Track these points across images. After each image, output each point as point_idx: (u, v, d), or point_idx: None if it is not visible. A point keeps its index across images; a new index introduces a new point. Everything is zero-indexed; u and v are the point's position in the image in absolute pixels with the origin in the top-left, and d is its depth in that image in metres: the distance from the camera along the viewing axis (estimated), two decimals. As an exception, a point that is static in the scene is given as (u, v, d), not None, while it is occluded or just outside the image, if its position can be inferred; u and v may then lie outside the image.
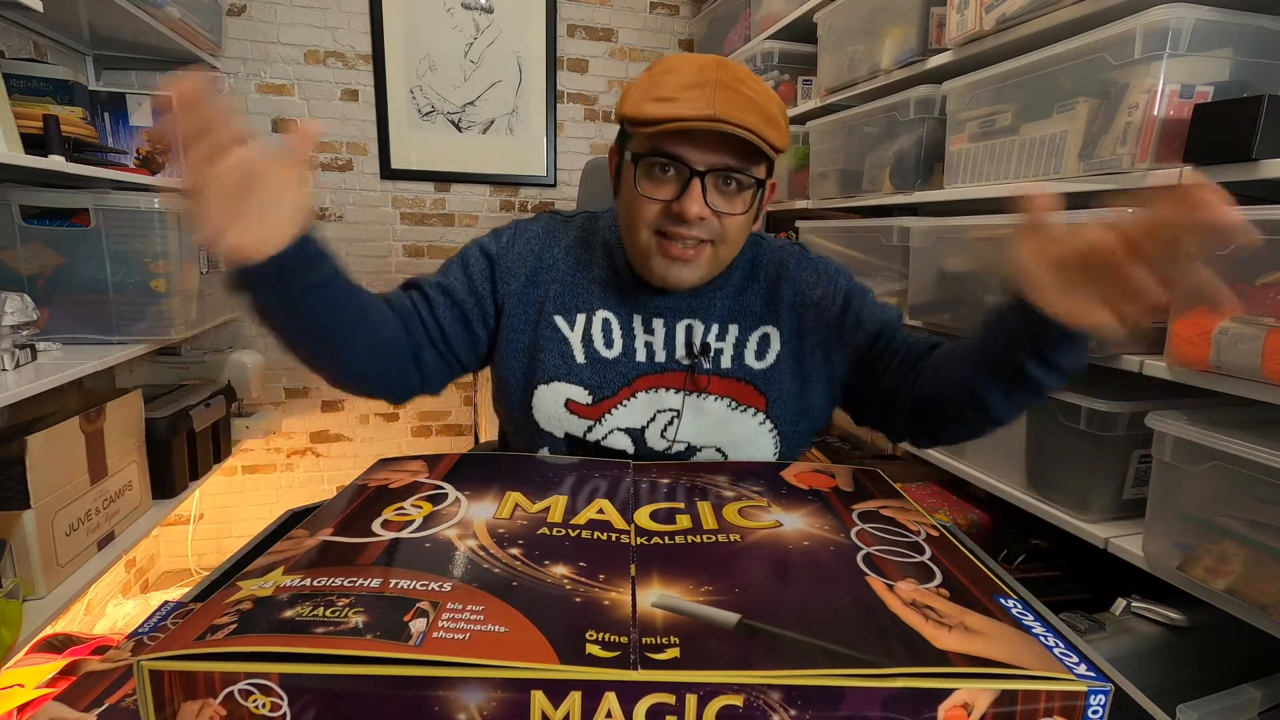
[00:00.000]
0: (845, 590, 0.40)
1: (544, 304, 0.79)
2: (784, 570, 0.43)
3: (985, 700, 0.29)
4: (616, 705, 0.29)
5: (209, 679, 0.29)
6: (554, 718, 0.29)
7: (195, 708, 0.29)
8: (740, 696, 0.29)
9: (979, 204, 1.33)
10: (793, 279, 0.81)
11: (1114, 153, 0.96)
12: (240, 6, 2.17)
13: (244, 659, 0.29)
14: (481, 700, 0.29)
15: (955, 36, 1.24)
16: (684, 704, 0.29)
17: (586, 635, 0.32)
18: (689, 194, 0.66)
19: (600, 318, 0.78)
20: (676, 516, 0.52)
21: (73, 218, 1.37)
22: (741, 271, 0.82)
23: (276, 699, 0.29)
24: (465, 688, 0.29)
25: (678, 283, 0.73)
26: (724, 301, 0.79)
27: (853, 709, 0.29)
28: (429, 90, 2.35)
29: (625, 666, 0.30)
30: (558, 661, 0.30)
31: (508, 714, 0.29)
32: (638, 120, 0.66)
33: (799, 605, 0.38)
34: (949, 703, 0.29)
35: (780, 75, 1.96)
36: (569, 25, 2.44)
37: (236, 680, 0.29)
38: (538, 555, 0.43)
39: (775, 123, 0.66)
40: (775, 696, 0.29)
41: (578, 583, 0.39)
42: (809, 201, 1.87)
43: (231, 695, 0.29)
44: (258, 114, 2.25)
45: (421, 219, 2.44)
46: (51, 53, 1.73)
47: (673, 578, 0.41)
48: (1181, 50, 0.88)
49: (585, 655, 0.31)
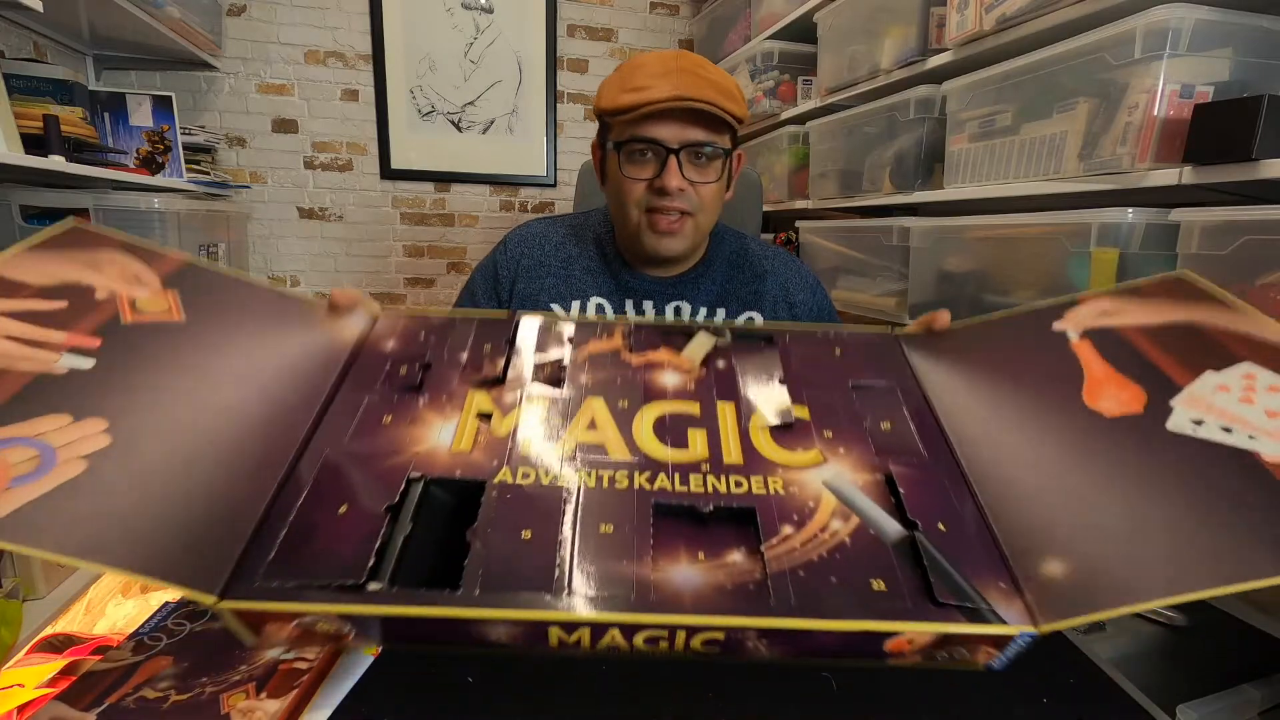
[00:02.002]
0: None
1: (539, 296, 0.85)
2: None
3: (926, 638, 0.34)
4: (619, 634, 0.35)
5: (281, 615, 0.34)
6: (569, 640, 0.35)
7: (277, 626, 0.35)
8: (721, 633, 0.34)
9: (979, 204, 1.33)
10: (778, 276, 0.89)
11: (1114, 153, 0.96)
12: (240, 6, 2.17)
13: (307, 600, 0.34)
14: (506, 630, 0.35)
15: (955, 36, 1.24)
16: (674, 636, 0.35)
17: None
18: (668, 170, 0.74)
19: (594, 303, 0.85)
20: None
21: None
22: (728, 261, 0.88)
23: (341, 626, 0.35)
24: (491, 624, 0.34)
25: (668, 253, 0.80)
26: (710, 286, 0.86)
27: (817, 642, 0.35)
28: (429, 90, 2.35)
29: (626, 609, 0.35)
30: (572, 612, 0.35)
31: (529, 637, 0.35)
32: (615, 110, 0.75)
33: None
34: (896, 638, 0.34)
35: (780, 75, 1.96)
36: (569, 25, 2.44)
37: (304, 615, 0.34)
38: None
39: (732, 96, 0.75)
40: (752, 634, 0.35)
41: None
42: (809, 201, 1.87)
43: (303, 624, 0.35)
44: (258, 114, 2.25)
45: (421, 219, 2.44)
46: (51, 53, 1.73)
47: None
48: (1181, 50, 0.88)
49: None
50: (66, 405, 0.37)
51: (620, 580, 0.36)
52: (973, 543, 0.39)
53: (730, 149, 0.78)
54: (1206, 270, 0.86)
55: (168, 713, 0.40)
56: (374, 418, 0.46)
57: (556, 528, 0.39)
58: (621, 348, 0.55)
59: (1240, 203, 0.86)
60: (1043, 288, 1.10)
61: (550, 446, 0.44)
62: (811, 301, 0.89)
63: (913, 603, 0.35)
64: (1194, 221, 0.87)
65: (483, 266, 0.90)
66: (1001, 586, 0.36)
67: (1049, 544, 0.37)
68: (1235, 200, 0.88)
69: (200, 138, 1.99)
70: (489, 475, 0.42)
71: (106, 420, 0.37)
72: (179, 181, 1.73)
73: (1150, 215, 0.94)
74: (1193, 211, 0.88)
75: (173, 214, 1.53)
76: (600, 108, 0.78)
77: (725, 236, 0.90)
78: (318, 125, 2.31)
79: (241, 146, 2.26)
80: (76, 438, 0.35)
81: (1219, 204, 0.87)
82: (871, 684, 0.46)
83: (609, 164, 0.80)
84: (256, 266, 2.33)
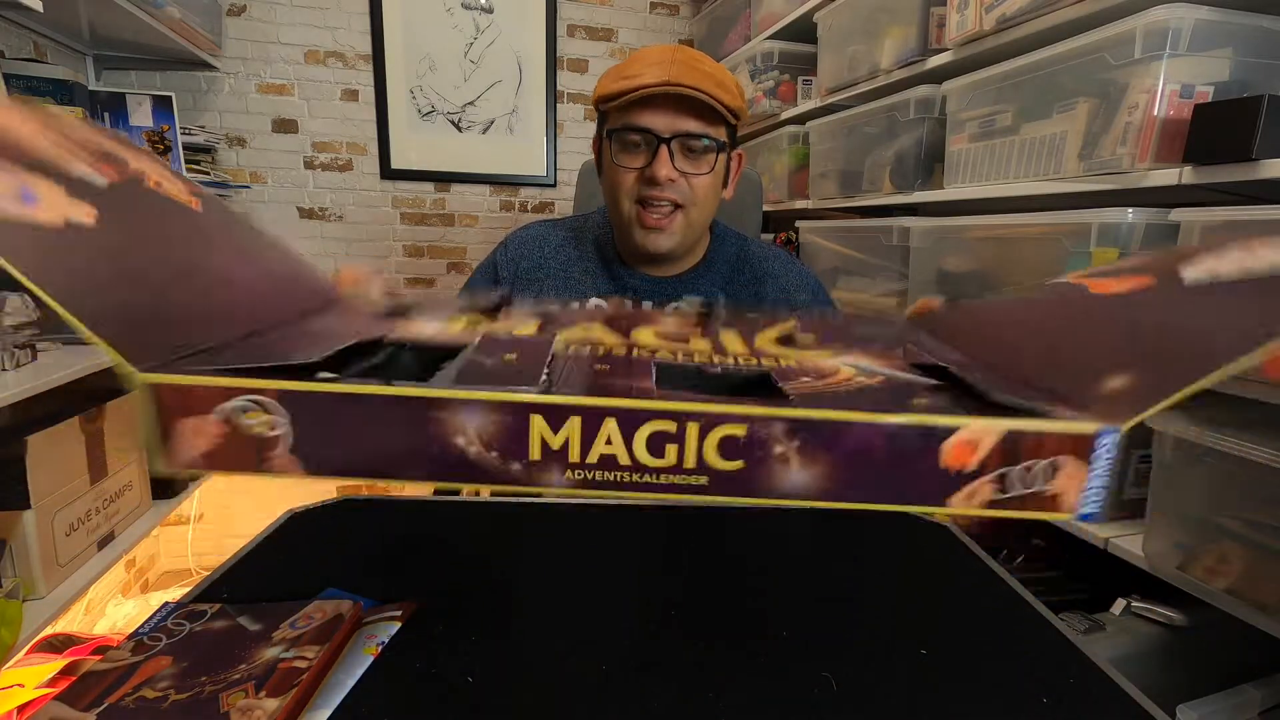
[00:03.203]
0: None
1: (539, 298, 0.85)
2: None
3: (991, 440, 0.29)
4: (616, 430, 0.29)
5: (207, 393, 0.29)
6: (553, 442, 0.29)
7: (192, 423, 0.29)
8: (743, 426, 0.28)
9: (979, 204, 1.33)
10: (779, 279, 0.88)
11: (1114, 153, 0.96)
12: (240, 6, 2.17)
13: (243, 375, 0.29)
14: (480, 423, 0.29)
15: (955, 36, 1.24)
16: (684, 432, 0.29)
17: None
18: (658, 159, 0.74)
19: (593, 304, 0.84)
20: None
21: (73, 218, 1.37)
22: (729, 262, 0.88)
23: (277, 417, 0.29)
24: (464, 409, 0.29)
25: (656, 249, 0.79)
26: (711, 287, 0.85)
27: (858, 441, 0.29)
28: (429, 90, 2.35)
29: (626, 395, 0.29)
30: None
31: (507, 438, 0.29)
32: (607, 96, 0.75)
33: None
34: (954, 439, 0.29)
35: (780, 75, 1.96)
36: (569, 25, 2.44)
37: (233, 395, 0.29)
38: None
39: (727, 88, 0.75)
40: (778, 428, 0.29)
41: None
42: (809, 201, 1.87)
43: (228, 413, 0.29)
44: (258, 114, 2.25)
45: (421, 219, 2.44)
46: (51, 53, 1.73)
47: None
48: (1181, 50, 0.88)
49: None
50: (68, 188, 0.33)
51: (619, 388, 0.31)
52: (1019, 386, 0.34)
53: (726, 143, 0.78)
54: (1206, 270, 0.86)
55: (167, 712, 0.40)
56: (355, 318, 0.44)
57: (546, 353, 0.36)
58: (618, 308, 0.54)
59: (1240, 203, 0.86)
60: (1043, 288, 1.10)
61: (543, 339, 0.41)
62: (813, 304, 0.89)
63: (965, 406, 0.31)
64: (1194, 221, 0.87)
65: (483, 268, 0.89)
66: (1063, 406, 0.31)
67: (1097, 371, 0.33)
68: (1235, 200, 0.88)
69: (200, 138, 1.99)
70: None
71: (98, 211, 0.33)
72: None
73: (1150, 215, 0.94)
74: (1193, 211, 0.87)
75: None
76: (595, 96, 0.79)
77: (727, 238, 0.90)
78: (318, 125, 2.31)
79: (241, 146, 2.26)
80: (62, 203, 0.32)
81: (1219, 204, 0.87)
82: (872, 683, 0.46)
83: (604, 154, 0.80)
84: (256, 266, 2.32)
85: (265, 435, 0.29)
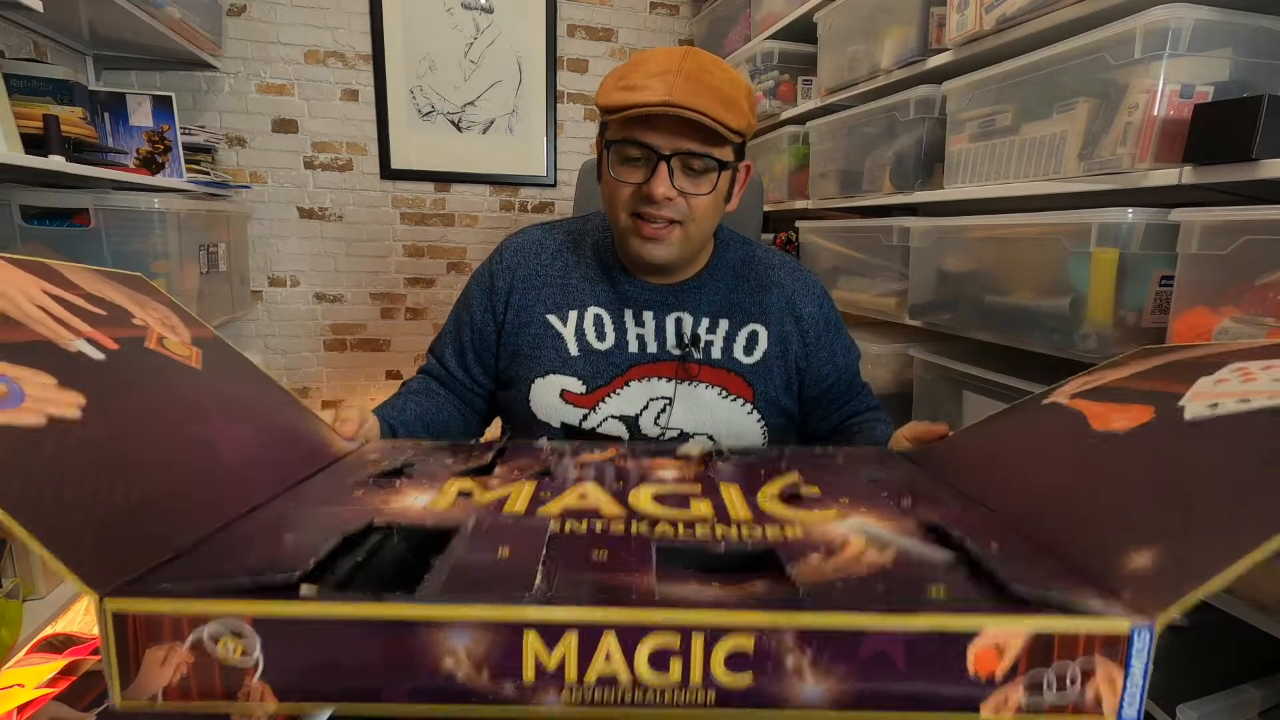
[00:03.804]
0: None
1: (535, 307, 0.82)
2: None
3: (1018, 642, 0.27)
4: (616, 646, 0.27)
5: (176, 622, 0.27)
6: (549, 662, 0.27)
7: (161, 654, 0.27)
8: (750, 638, 0.27)
9: (979, 204, 1.33)
10: (784, 288, 0.85)
11: (1114, 153, 0.96)
12: (240, 6, 2.17)
13: (216, 595, 0.28)
14: (470, 642, 0.27)
15: (955, 36, 1.24)
16: (689, 645, 0.27)
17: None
18: (656, 177, 0.71)
19: (592, 313, 0.82)
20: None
21: (73, 218, 1.37)
22: (733, 270, 0.85)
23: (249, 642, 0.28)
24: (453, 629, 0.27)
25: (651, 259, 0.76)
26: (713, 295, 0.83)
27: (874, 650, 0.27)
28: (429, 90, 2.35)
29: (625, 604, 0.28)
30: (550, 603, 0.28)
31: (499, 658, 0.27)
32: (606, 108, 0.72)
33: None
34: (980, 643, 0.27)
35: (780, 75, 1.96)
36: (569, 25, 2.44)
37: (205, 622, 0.27)
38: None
39: (734, 106, 0.70)
40: (789, 638, 0.27)
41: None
42: (809, 201, 1.87)
43: (199, 641, 0.27)
44: (258, 114, 2.25)
45: (421, 219, 2.44)
46: (51, 53, 1.73)
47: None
48: (1181, 50, 0.88)
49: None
50: (58, 373, 0.35)
51: (618, 587, 0.30)
52: (1036, 557, 0.34)
53: (730, 162, 0.74)
54: (1207, 270, 0.86)
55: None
56: (345, 490, 0.44)
57: (540, 545, 0.34)
58: (616, 457, 0.53)
59: (1240, 203, 0.86)
60: (1042, 288, 1.10)
61: (536, 510, 0.40)
62: (819, 314, 0.85)
63: (987, 599, 0.29)
64: (1194, 221, 0.87)
65: (478, 276, 0.87)
66: (1088, 589, 0.30)
67: (1120, 543, 0.32)
68: (1235, 200, 0.88)
69: (200, 138, 1.99)
70: (463, 523, 0.37)
71: (86, 399, 0.35)
72: (179, 181, 1.73)
73: (1150, 215, 0.94)
74: (1193, 211, 0.87)
75: (173, 214, 1.53)
76: (597, 102, 0.75)
77: (731, 243, 0.87)
78: (318, 125, 2.31)
79: (241, 146, 2.26)
80: (50, 398, 0.34)
81: (1219, 204, 0.87)
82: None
83: (602, 162, 0.78)
84: (256, 266, 2.32)
85: (236, 664, 0.27)
